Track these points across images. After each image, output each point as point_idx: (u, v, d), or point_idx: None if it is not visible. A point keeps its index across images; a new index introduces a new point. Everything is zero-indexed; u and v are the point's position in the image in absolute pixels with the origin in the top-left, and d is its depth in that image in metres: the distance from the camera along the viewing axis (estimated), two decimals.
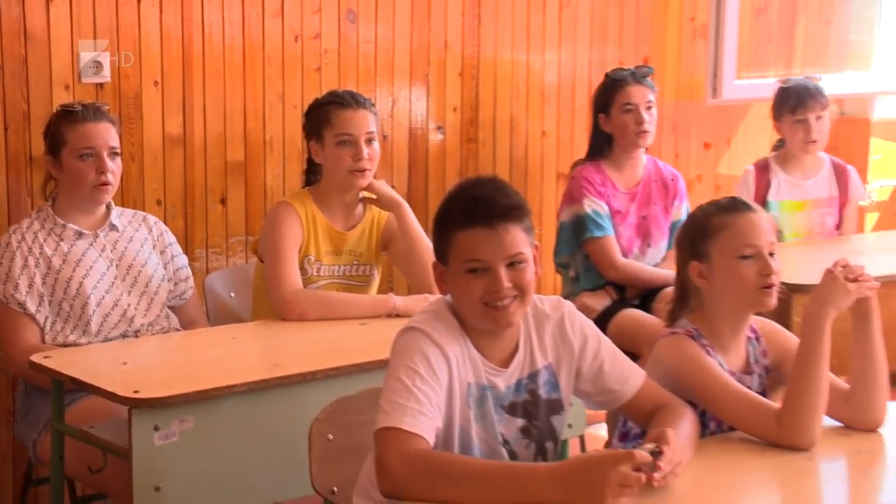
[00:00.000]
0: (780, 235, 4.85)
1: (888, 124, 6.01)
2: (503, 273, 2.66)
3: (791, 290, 3.70)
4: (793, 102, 4.94)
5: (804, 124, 4.92)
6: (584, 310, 4.21)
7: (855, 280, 2.86)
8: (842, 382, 2.95)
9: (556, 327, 2.81)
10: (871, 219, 5.64)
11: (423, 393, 2.56)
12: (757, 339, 3.06)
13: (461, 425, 2.67)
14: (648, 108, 4.66)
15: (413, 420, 2.52)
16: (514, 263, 2.67)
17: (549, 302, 2.85)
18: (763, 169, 5.02)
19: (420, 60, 4.90)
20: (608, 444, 3.24)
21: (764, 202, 4.94)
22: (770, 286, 2.92)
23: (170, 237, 3.92)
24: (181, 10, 4.44)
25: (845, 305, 2.86)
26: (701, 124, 5.59)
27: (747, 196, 4.84)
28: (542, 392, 2.78)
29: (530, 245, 2.72)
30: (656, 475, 2.49)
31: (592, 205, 4.60)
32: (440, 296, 2.80)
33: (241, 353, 3.51)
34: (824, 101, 4.98)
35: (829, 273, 2.87)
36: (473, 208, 2.69)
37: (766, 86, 5.31)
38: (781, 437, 2.81)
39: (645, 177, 4.76)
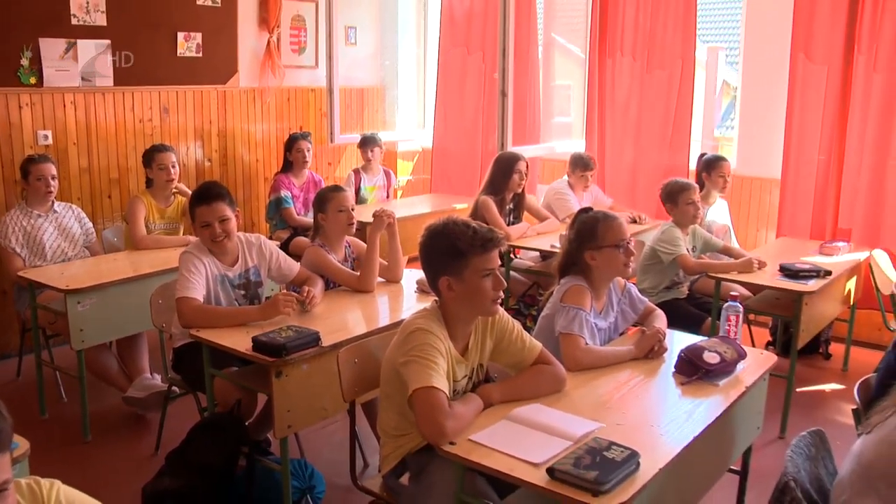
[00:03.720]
0: (366, 201, 4.87)
1: (403, 153, 6.12)
2: (217, 226, 2.59)
3: (364, 223, 3.62)
4: (370, 144, 4.93)
5: (373, 152, 4.92)
6: (277, 239, 4.21)
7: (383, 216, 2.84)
8: (384, 262, 2.91)
9: (258, 248, 2.73)
10: (399, 193, 5.79)
11: (195, 279, 2.52)
12: (349, 245, 2.98)
13: (215, 295, 2.62)
14: (308, 150, 4.55)
15: (191, 292, 2.50)
16: (222, 220, 2.59)
17: (253, 236, 2.76)
18: (357, 172, 4.98)
19: (199, 130, 4.75)
20: None
21: (360, 187, 4.91)
22: (352, 224, 2.88)
23: (83, 214, 3.72)
24: (85, 109, 4.17)
25: (377, 228, 2.80)
26: (327, 154, 5.60)
27: (351, 184, 4.82)
28: (252, 278, 2.72)
29: (232, 211, 2.62)
30: (306, 302, 2.55)
31: (285, 192, 4.53)
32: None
33: (120, 266, 3.40)
34: (380, 142, 5.00)
35: (374, 214, 2.87)
36: (202, 195, 2.61)
37: (352, 138, 5.35)
38: (360, 287, 2.80)
39: (308, 181, 4.67)
